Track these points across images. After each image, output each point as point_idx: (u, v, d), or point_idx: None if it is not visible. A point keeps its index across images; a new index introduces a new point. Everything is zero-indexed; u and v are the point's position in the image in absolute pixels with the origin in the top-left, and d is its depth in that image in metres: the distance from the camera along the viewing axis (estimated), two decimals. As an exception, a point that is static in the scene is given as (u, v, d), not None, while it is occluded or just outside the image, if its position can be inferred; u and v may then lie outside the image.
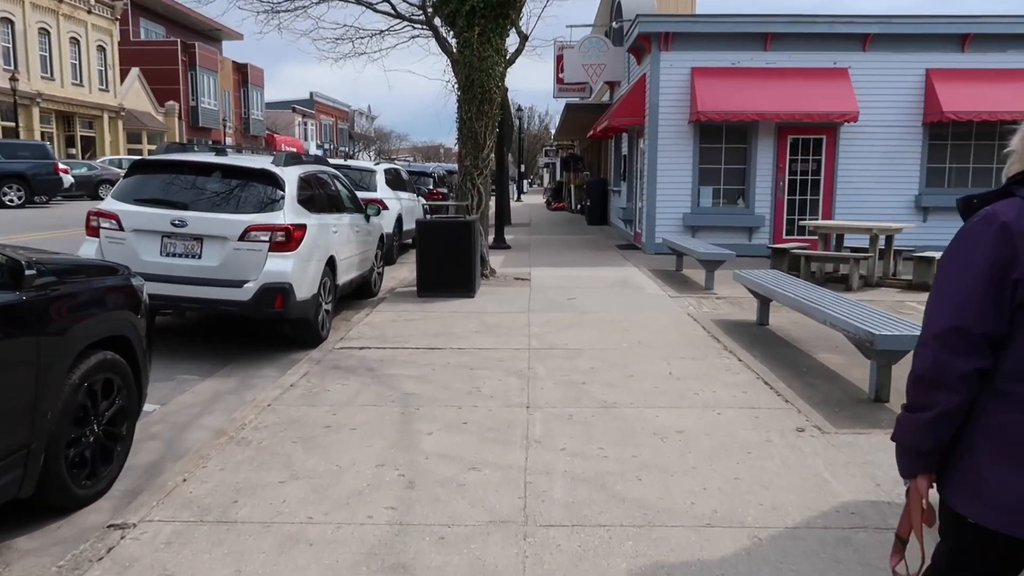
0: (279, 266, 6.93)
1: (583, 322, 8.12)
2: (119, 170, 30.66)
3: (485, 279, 10.94)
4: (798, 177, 14.50)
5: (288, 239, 7.04)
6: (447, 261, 9.57)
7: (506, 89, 22.07)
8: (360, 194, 13.63)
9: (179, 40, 48.12)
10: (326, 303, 7.86)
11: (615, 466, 4.18)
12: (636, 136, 16.58)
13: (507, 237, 16.83)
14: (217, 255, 6.85)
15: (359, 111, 77.80)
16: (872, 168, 14.25)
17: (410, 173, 18.96)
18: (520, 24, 21.89)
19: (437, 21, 11.65)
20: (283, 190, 7.26)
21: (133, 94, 43.74)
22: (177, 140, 47.13)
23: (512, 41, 18.61)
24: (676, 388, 5.71)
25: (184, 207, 6.96)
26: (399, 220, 14.34)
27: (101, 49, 41.00)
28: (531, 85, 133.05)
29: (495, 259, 13.48)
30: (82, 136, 39.73)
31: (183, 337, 7.93)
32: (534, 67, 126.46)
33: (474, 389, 5.66)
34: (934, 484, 1.79)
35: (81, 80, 39.00)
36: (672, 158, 14.40)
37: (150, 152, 43.79)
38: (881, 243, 11.34)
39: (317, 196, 8.12)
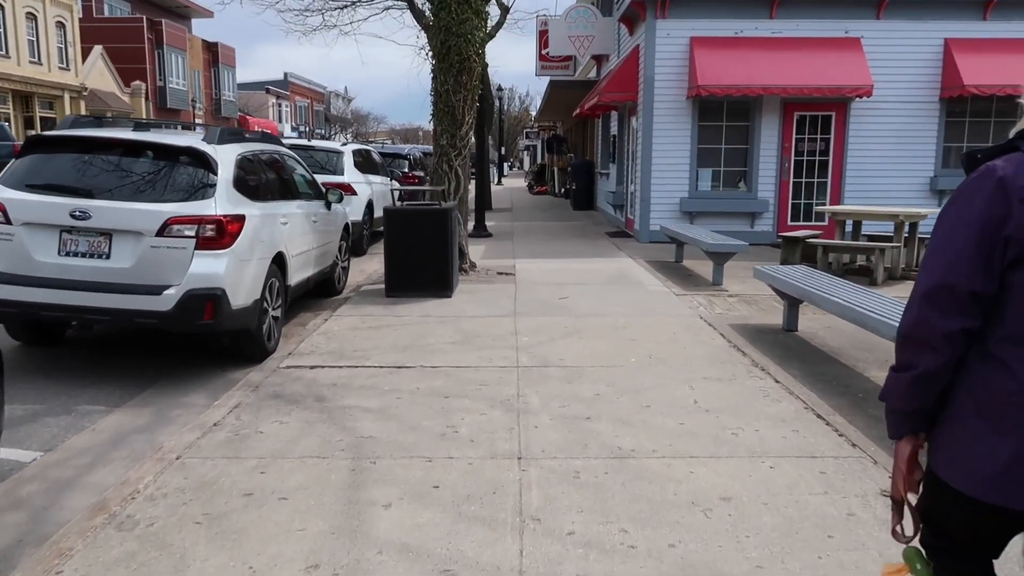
0: (209, 267, 5.59)
1: (580, 329, 6.86)
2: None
3: (464, 274, 9.63)
4: (804, 158, 13.28)
5: (220, 233, 5.70)
6: (420, 255, 8.25)
7: (486, 65, 20.72)
8: (325, 178, 12.30)
9: (145, 17, 46.02)
10: (274, 309, 6.54)
11: (650, 569, 2.93)
12: (628, 114, 15.28)
13: (488, 224, 15.52)
14: (130, 254, 5.50)
15: (335, 92, 75.78)
16: (885, 148, 13.06)
17: (383, 155, 17.54)
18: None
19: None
20: (215, 173, 5.91)
21: (96, 73, 41.71)
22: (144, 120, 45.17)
23: (494, 14, 16.96)
24: (708, 425, 4.45)
25: (89, 195, 5.58)
26: (369, 206, 12.97)
27: (60, 25, 38.93)
28: (511, 66, 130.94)
29: (475, 249, 12.18)
30: (42, 117, 37.73)
31: (96, 353, 6.56)
32: (514, 47, 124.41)
33: (449, 429, 4.38)
34: (924, 446, 1.73)
35: (39, 58, 36.97)
36: (668, 137, 13.12)
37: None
38: (904, 231, 10.16)
39: (263, 180, 6.77)
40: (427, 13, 9.91)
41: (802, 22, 12.84)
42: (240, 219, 5.92)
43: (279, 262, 6.74)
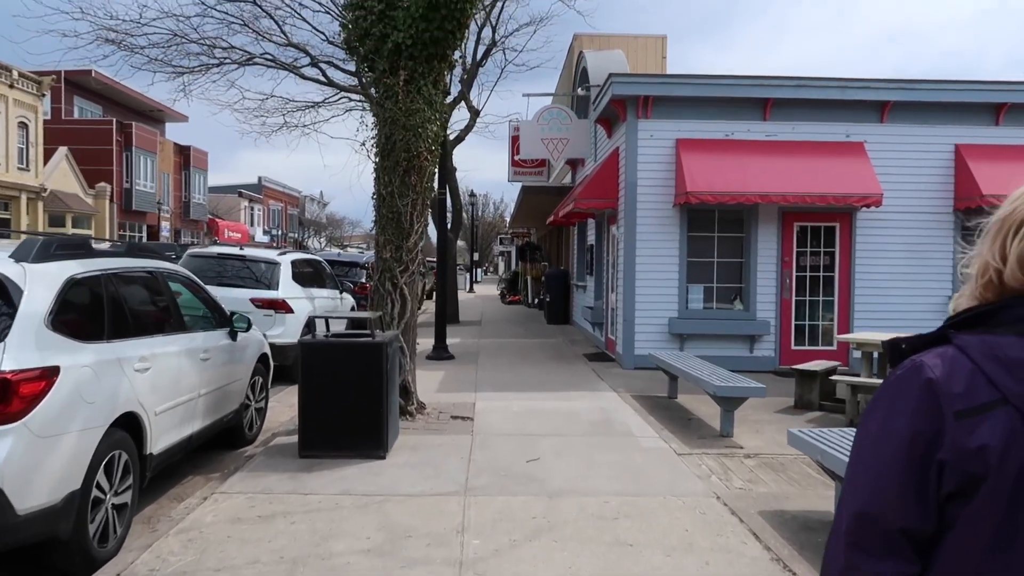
0: (-24, 454, 3.57)
1: (555, 521, 4.80)
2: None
3: (409, 419, 7.59)
4: (808, 273, 11.63)
5: (5, 398, 3.71)
6: (345, 403, 6.23)
7: (454, 168, 19.29)
8: (258, 294, 10.38)
9: (115, 120, 45.06)
10: (116, 495, 4.47)
11: None
12: (607, 222, 13.68)
13: (452, 341, 13.58)
14: None
15: (311, 197, 74.98)
16: (896, 262, 11.46)
17: (337, 263, 15.71)
18: (471, 99, 19.27)
19: (353, 68, 8.66)
20: (15, 306, 3.96)
21: (60, 174, 40.19)
22: (108, 224, 43.58)
23: (462, 117, 15.58)
24: None
25: None
26: (310, 326, 10.99)
27: (23, 126, 37.58)
28: (486, 172, 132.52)
29: (431, 377, 10.18)
30: (-6, 218, 35.83)
31: None
32: (489, 153, 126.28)
33: None
34: None
35: (-4, 158, 35.37)
36: (654, 249, 11.44)
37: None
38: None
39: (113, 311, 4.81)
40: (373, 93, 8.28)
41: (799, 125, 11.45)
42: (48, 374, 3.93)
43: (131, 426, 4.71)
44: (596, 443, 6.85)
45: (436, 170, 8.06)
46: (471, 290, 37.09)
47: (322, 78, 17.49)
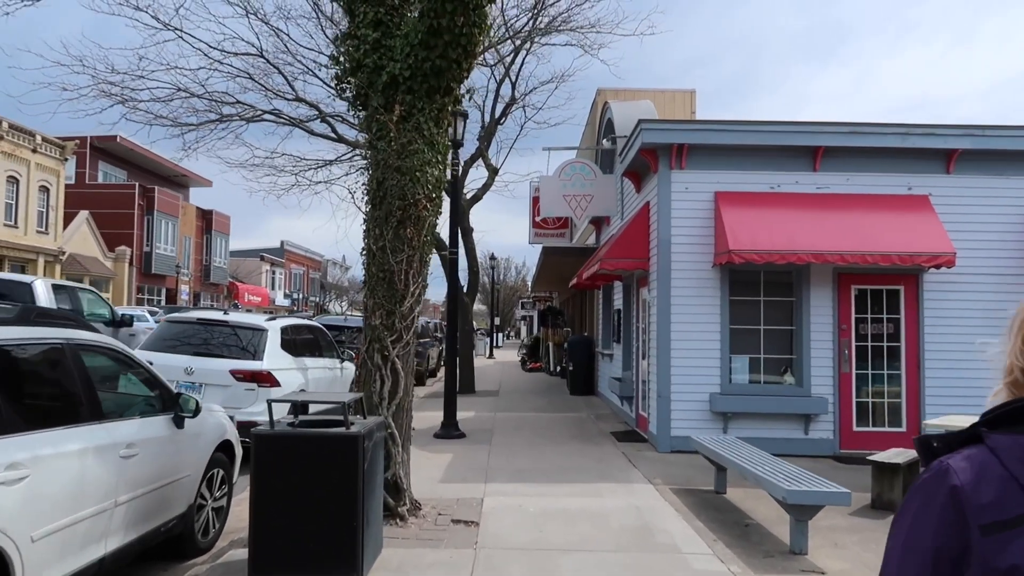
0: None
1: None
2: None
3: (398, 523, 6.13)
4: (869, 343, 10.11)
5: None
6: (310, 509, 4.81)
7: (471, 229, 18.13)
8: (236, 364, 9.10)
9: (138, 184, 45.02)
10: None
11: None
12: (636, 285, 12.31)
13: (465, 415, 12.13)
14: None
15: (333, 260, 74.63)
16: (973, 331, 9.90)
17: (333, 328, 14.42)
18: (489, 157, 18.24)
19: (345, 107, 7.53)
20: None
21: (79, 238, 39.87)
22: (126, 287, 43.05)
23: (480, 174, 14.64)
24: None
25: None
26: (300, 400, 9.61)
27: (44, 190, 37.42)
28: (507, 237, 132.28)
29: (437, 459, 8.74)
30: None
31: None
32: (512, 219, 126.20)
33: None
34: None
35: (16, 221, 35.06)
36: (691, 315, 10.03)
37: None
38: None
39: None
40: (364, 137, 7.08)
41: (853, 176, 10.12)
42: None
43: (-14, 560, 3.34)
44: (634, 563, 5.32)
45: (437, 221, 6.78)
46: (491, 356, 35.63)
47: (332, 134, 16.60)
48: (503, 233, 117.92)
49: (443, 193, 6.78)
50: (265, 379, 9.06)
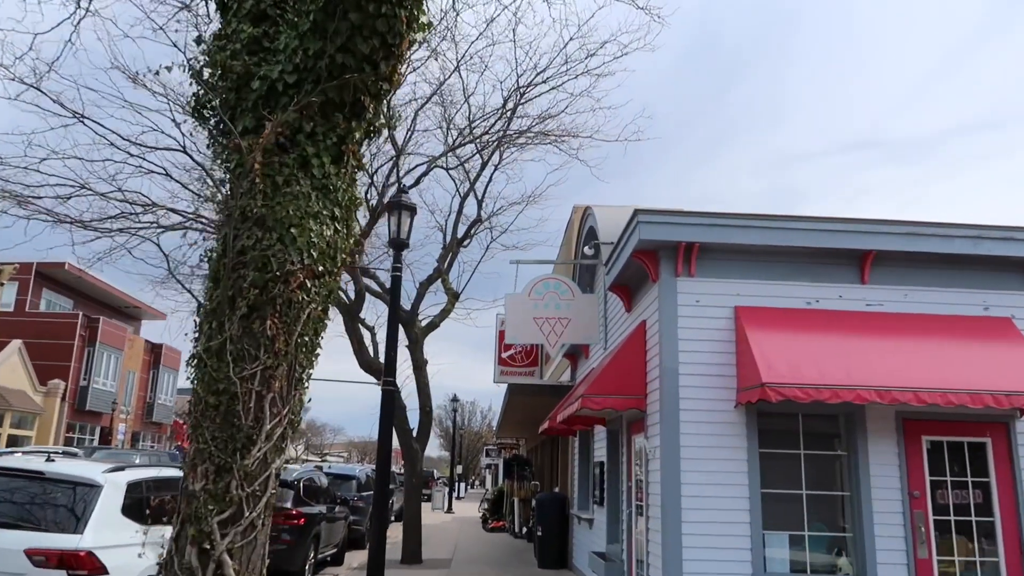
0: None
1: None
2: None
3: None
4: (951, 517, 7.27)
5: None
6: None
7: (425, 361, 15.27)
8: (37, 540, 5.99)
9: (82, 314, 41.81)
10: None
11: None
12: (626, 430, 9.46)
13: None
14: None
15: (291, 401, 70.30)
16: (1090, 502, 7.17)
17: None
18: (449, 281, 15.71)
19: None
20: None
21: (7, 369, 36.07)
22: (55, 424, 38.83)
23: (439, 299, 11.85)
24: None
25: None
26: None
27: (-28, 316, 34.16)
28: (474, 382, 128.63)
29: None
30: (-82, 416, 31.20)
31: None
32: (479, 363, 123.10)
33: None
34: None
35: (-67, 349, 31.51)
36: (708, 472, 7.18)
37: (10, 436, 35.26)
38: None
39: None
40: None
41: (913, 291, 7.67)
42: None
43: None
44: None
45: (328, 316, 4.07)
46: (449, 510, 31.63)
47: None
48: (469, 377, 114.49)
49: (339, 268, 4.07)
50: (82, 564, 5.89)
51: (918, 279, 7.68)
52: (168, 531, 7.02)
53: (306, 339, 3.81)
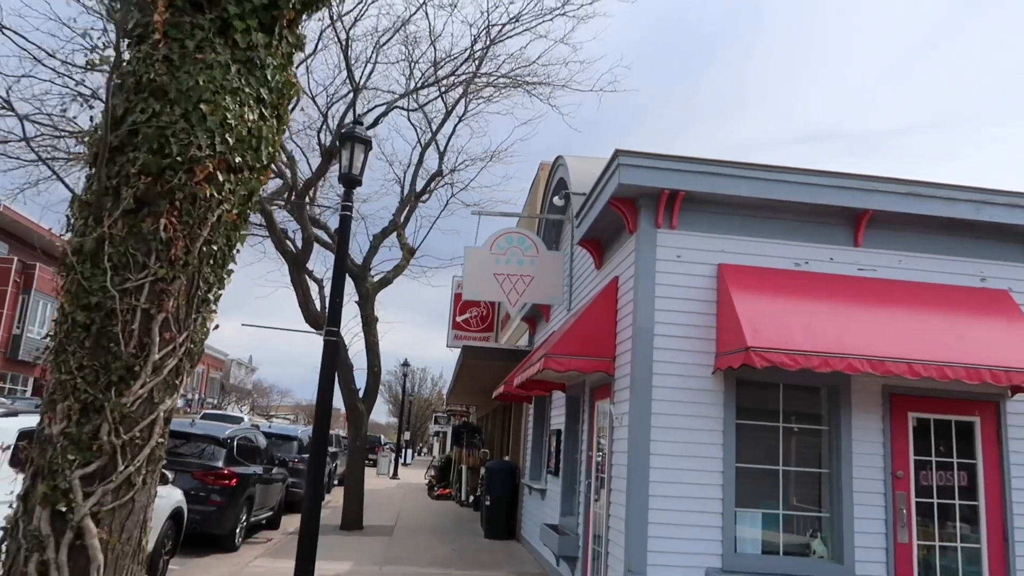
0: None
1: None
2: None
3: None
4: (935, 500, 6.76)
5: None
6: None
7: (375, 318, 14.38)
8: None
9: (17, 259, 39.60)
10: None
11: None
12: (589, 395, 8.78)
13: (337, 571, 8.05)
14: None
15: (238, 361, 68.61)
16: (1078, 489, 6.73)
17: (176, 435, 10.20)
18: (405, 236, 14.78)
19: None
20: None
21: (-68, 313, 34.05)
22: (-16, 373, 36.92)
23: (393, 254, 10.70)
24: None
25: None
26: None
27: None
28: (430, 350, 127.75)
29: None
30: None
31: None
32: (429, 334, 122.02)
33: None
34: None
35: None
36: (681, 443, 6.53)
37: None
38: None
39: None
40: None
41: (908, 257, 7.08)
42: None
43: None
44: None
45: (247, 222, 3.22)
46: (395, 475, 30.90)
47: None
48: (423, 345, 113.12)
49: (264, 165, 3.19)
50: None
51: (914, 244, 7.08)
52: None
53: (215, 248, 2.95)
